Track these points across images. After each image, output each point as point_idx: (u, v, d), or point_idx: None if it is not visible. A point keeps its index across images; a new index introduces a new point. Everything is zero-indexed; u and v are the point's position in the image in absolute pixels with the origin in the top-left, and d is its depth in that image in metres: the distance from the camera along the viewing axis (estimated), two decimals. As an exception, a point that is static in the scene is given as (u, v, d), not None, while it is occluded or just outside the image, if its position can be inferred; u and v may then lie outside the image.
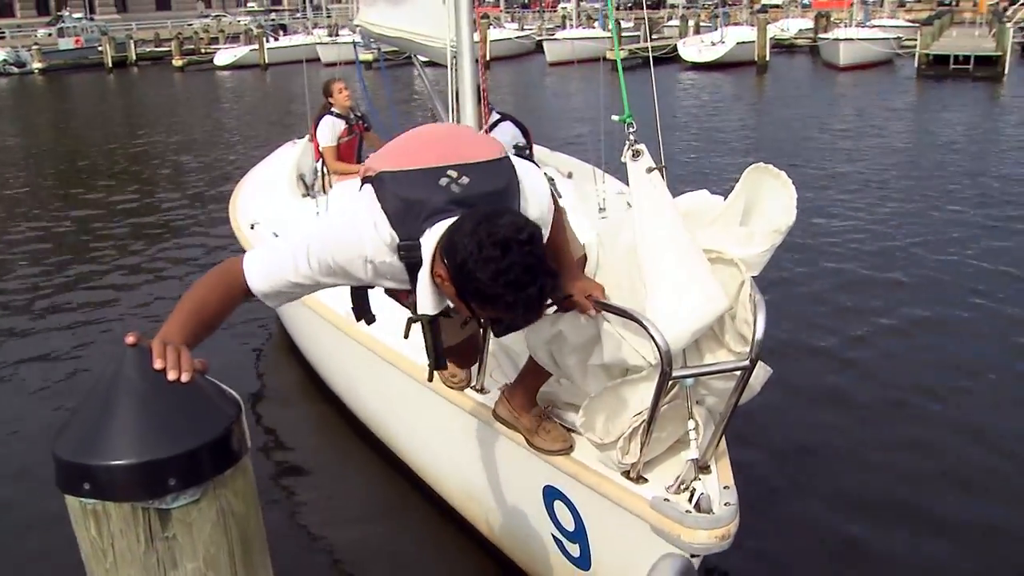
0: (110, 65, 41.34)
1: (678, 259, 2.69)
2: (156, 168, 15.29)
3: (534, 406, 3.26)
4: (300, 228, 2.53)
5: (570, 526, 3.29)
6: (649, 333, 2.53)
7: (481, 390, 3.62)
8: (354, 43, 9.65)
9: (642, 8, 56.69)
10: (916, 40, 30.22)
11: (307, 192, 7.31)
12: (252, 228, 6.31)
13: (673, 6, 51.39)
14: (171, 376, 1.71)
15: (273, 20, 47.83)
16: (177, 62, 40.93)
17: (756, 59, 32.20)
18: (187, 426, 1.62)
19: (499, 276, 2.03)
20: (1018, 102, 22.33)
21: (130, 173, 14.96)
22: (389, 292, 2.65)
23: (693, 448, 2.82)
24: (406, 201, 2.25)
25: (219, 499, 1.66)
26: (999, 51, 28.26)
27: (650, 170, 2.81)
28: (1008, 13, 37.55)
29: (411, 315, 2.45)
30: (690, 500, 2.77)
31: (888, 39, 33.34)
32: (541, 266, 2.09)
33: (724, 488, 2.83)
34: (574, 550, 3.33)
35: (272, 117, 21.91)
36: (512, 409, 3.27)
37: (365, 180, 2.41)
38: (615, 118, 2.94)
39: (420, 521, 4.59)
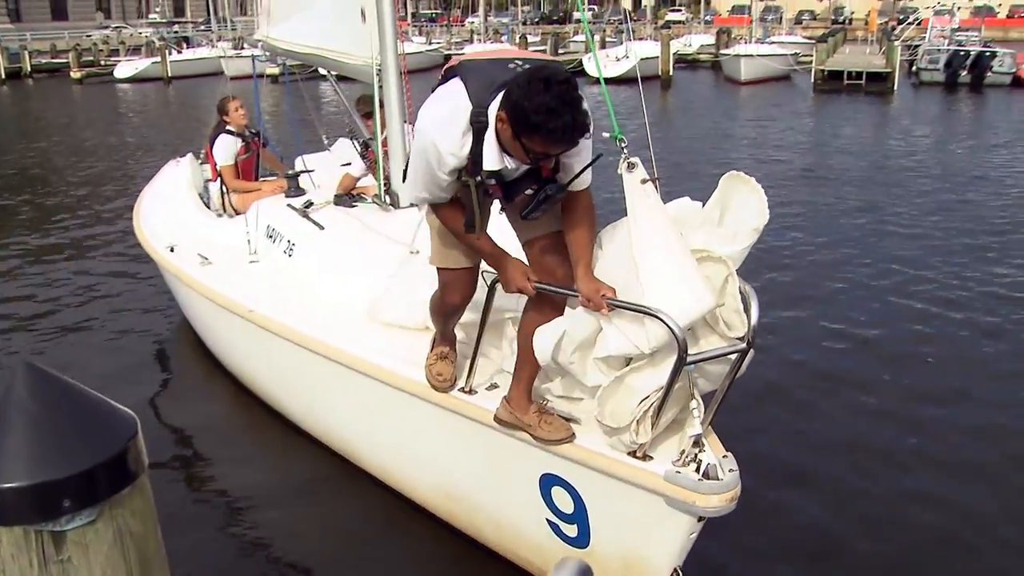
0: (3, 76, 39.80)
1: (671, 262, 3.00)
2: (54, 183, 14.78)
3: (532, 403, 3.52)
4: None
5: (568, 508, 3.56)
6: (667, 325, 2.84)
7: (470, 392, 3.80)
8: (253, 57, 9.58)
9: (549, 23, 57.37)
10: (812, 56, 31.37)
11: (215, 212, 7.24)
12: (172, 251, 6.24)
13: (579, 21, 52.05)
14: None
15: (176, 32, 46.68)
16: (75, 74, 39.57)
17: (660, 74, 32.87)
18: (82, 446, 1.59)
19: (542, 106, 2.67)
20: (906, 115, 23.36)
21: (25, 187, 14.41)
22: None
23: (697, 425, 3.14)
24: (480, 77, 2.93)
25: (116, 519, 1.64)
26: (888, 68, 29.57)
27: (644, 181, 3.07)
28: (896, 32, 39.20)
29: (464, 178, 3.04)
30: (697, 471, 3.10)
31: (786, 55, 34.48)
32: (575, 102, 2.72)
33: (724, 457, 3.18)
34: (571, 530, 3.62)
35: (177, 131, 21.41)
36: (513, 410, 3.53)
37: (449, 70, 3.06)
38: (606, 135, 3.20)
39: (381, 520, 4.66)
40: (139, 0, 65.56)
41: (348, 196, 6.11)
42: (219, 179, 7.29)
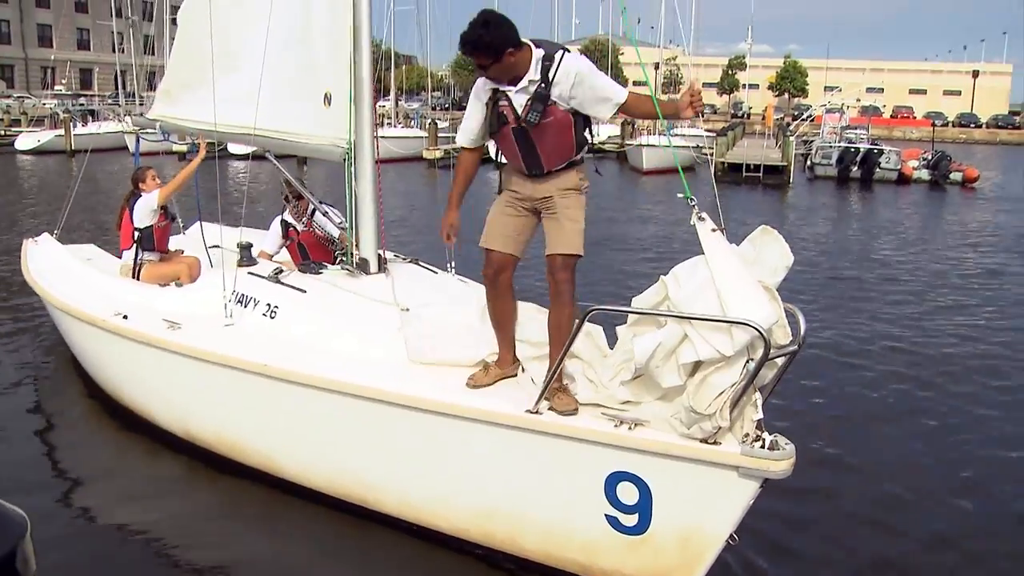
0: None
1: (746, 286, 3.87)
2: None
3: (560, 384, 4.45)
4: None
5: (632, 500, 4.18)
6: (758, 330, 3.65)
7: (536, 413, 4.31)
8: (137, 136, 9.68)
9: (459, 109, 58.20)
10: (712, 149, 32.68)
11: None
12: (125, 318, 6.21)
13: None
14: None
15: (82, 105, 45.73)
16: (-28, 144, 38.45)
17: (569, 161, 33.57)
18: (-34, 549, 1.56)
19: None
20: (802, 207, 24.48)
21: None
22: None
23: (760, 410, 3.98)
24: None
25: (0, 625, 1.60)
26: (785, 161, 31.02)
27: (713, 230, 4.02)
28: (792, 127, 41.24)
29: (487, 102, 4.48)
30: (763, 446, 3.85)
31: (688, 147, 35.82)
32: (471, 24, 4.20)
33: (776, 435, 3.92)
34: (631, 520, 4.23)
35: (80, 204, 20.88)
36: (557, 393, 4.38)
37: None
38: (680, 195, 4.22)
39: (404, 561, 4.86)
40: (44, 71, 64.32)
41: (315, 263, 6.54)
42: (134, 246, 7.46)
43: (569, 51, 4.40)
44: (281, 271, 6.20)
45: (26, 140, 38.16)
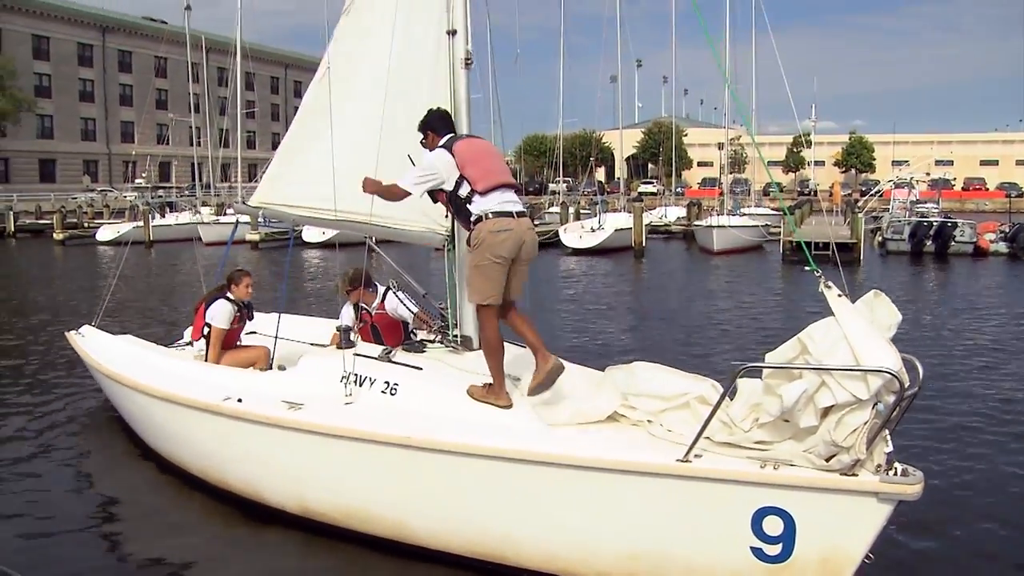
0: (-13, 236, 40.25)
1: (874, 340, 4.57)
2: (23, 339, 14.61)
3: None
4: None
5: (777, 531, 4.67)
6: (894, 376, 4.36)
7: (687, 461, 4.77)
8: (236, 222, 9.95)
9: (525, 194, 58.79)
10: (780, 228, 32.34)
11: None
12: (239, 401, 6.43)
13: (554, 193, 53.46)
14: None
15: (161, 197, 47.51)
16: (58, 235, 40.23)
17: (633, 244, 33.65)
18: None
19: None
20: (879, 286, 23.83)
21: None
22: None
23: (889, 445, 4.70)
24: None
25: None
26: (854, 238, 30.40)
27: (839, 296, 4.79)
28: (860, 203, 40.65)
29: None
30: (895, 474, 4.50)
31: (757, 226, 35.57)
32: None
33: (905, 464, 4.59)
34: (775, 550, 4.70)
35: (158, 296, 21.45)
36: (487, 393, 5.75)
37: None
38: (807, 268, 5.12)
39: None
40: (126, 165, 67.24)
41: (418, 342, 7.00)
42: (203, 339, 7.75)
43: (449, 143, 5.86)
44: (391, 351, 6.52)
45: (106, 232, 39.83)
